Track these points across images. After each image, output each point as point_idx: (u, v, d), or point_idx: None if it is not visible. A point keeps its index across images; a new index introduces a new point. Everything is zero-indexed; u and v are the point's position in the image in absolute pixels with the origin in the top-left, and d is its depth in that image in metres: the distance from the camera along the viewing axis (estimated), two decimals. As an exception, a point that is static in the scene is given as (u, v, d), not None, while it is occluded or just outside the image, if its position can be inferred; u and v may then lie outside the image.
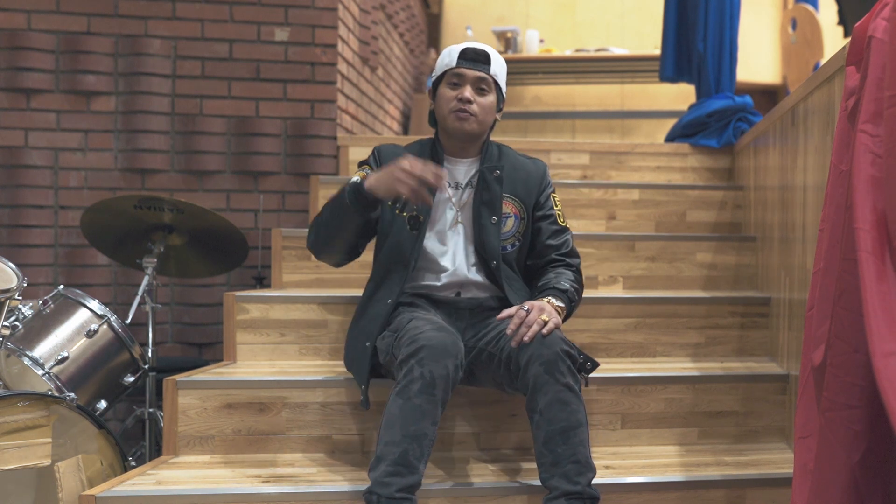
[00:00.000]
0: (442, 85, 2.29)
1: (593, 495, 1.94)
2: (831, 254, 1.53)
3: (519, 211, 2.33)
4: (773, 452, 2.44)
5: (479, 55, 2.25)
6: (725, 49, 3.75)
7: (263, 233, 3.42)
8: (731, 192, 3.48)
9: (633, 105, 6.47)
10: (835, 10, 4.30)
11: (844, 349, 1.41)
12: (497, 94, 2.30)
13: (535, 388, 1.98)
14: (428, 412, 1.93)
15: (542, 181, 2.38)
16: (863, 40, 1.51)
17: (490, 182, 2.30)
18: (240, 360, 2.66)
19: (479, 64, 2.25)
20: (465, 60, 2.25)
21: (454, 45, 2.30)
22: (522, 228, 2.33)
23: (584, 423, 1.99)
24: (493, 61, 2.27)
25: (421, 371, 1.93)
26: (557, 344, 2.00)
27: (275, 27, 3.56)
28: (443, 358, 1.95)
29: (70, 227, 3.45)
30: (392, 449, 1.90)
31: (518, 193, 2.34)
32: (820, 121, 2.26)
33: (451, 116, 2.26)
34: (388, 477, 1.88)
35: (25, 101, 3.44)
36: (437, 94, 2.31)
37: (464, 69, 2.24)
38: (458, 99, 2.25)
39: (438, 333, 2.00)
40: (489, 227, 2.28)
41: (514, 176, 2.35)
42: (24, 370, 2.56)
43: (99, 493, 2.00)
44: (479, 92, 2.26)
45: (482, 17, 6.56)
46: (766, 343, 2.82)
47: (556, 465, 1.94)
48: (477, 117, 2.26)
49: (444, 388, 1.95)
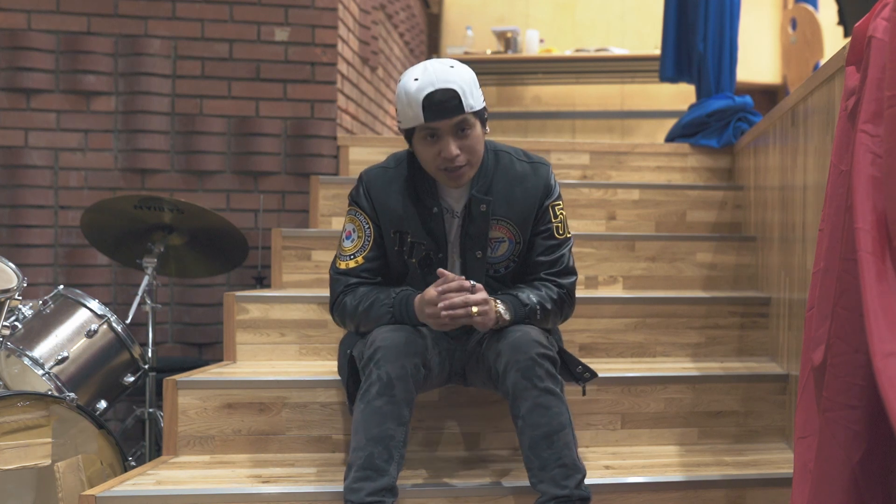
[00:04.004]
0: (417, 139, 2.02)
1: (583, 496, 1.93)
2: (831, 254, 1.53)
3: (513, 235, 2.14)
4: (772, 452, 2.44)
5: (445, 101, 1.92)
6: (725, 49, 3.75)
7: (263, 233, 3.42)
8: (731, 192, 3.48)
9: (633, 105, 6.47)
10: (835, 10, 4.30)
11: (844, 349, 1.41)
12: (479, 118, 2.03)
13: (514, 394, 1.97)
14: (389, 413, 1.91)
15: (542, 195, 2.14)
16: (863, 40, 1.50)
17: (476, 216, 2.09)
18: (240, 360, 2.66)
19: (450, 110, 1.93)
20: (433, 112, 1.93)
21: (411, 89, 1.94)
22: (518, 251, 2.16)
23: (568, 424, 1.97)
24: (463, 93, 1.94)
25: (378, 373, 1.92)
26: (532, 348, 1.96)
27: (275, 27, 3.56)
28: (399, 357, 1.93)
29: (70, 227, 3.45)
30: (359, 454, 1.89)
31: (513, 216, 2.12)
32: (820, 121, 2.26)
33: (442, 174, 2.04)
34: (358, 482, 1.88)
35: (25, 101, 3.44)
36: (415, 149, 2.06)
37: (435, 123, 1.95)
38: (442, 157, 1.99)
39: (394, 334, 1.97)
40: (473, 261, 2.12)
41: (509, 196, 2.12)
42: (24, 370, 2.56)
43: (99, 493, 2.00)
44: (460, 136, 1.98)
45: (482, 17, 6.56)
46: (766, 343, 2.82)
47: (544, 469, 1.94)
48: (470, 164, 2.03)
49: (404, 388, 1.93)
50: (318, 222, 3.32)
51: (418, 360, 1.97)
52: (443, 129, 1.97)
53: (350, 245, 2.15)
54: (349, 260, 2.14)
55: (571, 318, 2.27)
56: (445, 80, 1.94)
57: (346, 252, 2.15)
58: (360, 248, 2.14)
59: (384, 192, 2.13)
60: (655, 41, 4.72)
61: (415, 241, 2.12)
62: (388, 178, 2.14)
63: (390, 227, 2.13)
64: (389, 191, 2.13)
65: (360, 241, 2.14)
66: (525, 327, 2.03)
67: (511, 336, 2.00)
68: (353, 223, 2.15)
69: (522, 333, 1.99)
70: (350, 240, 2.16)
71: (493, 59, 6.28)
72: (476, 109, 1.99)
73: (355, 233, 2.15)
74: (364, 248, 2.13)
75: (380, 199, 2.12)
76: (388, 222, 2.13)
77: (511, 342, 1.98)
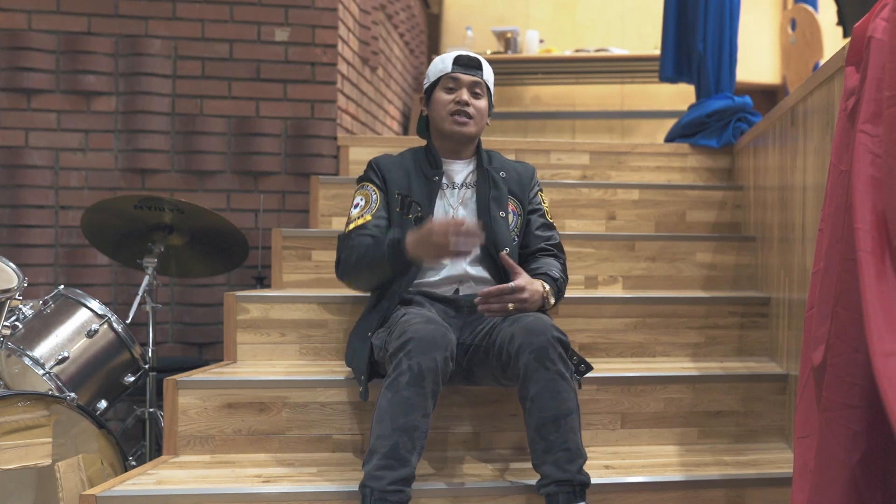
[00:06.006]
0: (437, 90, 2.41)
1: (583, 481, 1.97)
2: (831, 254, 1.53)
3: (516, 208, 2.46)
4: (772, 452, 2.44)
5: (472, 61, 2.38)
6: (725, 49, 3.75)
7: (263, 233, 3.42)
8: (731, 192, 3.48)
9: (633, 105, 6.47)
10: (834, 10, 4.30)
11: (844, 349, 1.41)
12: (488, 99, 2.43)
13: (526, 376, 2.00)
14: (417, 404, 1.93)
15: (531, 181, 2.53)
16: (862, 40, 1.51)
17: (498, 181, 2.45)
18: (240, 360, 2.66)
19: (473, 69, 2.38)
20: (460, 66, 2.38)
21: (446, 53, 2.43)
22: (520, 224, 2.45)
23: (575, 409, 2.01)
24: (485, 68, 2.42)
25: (409, 364, 1.95)
26: (548, 331, 2.02)
27: (275, 27, 3.56)
28: (431, 350, 1.96)
29: (70, 227, 3.45)
30: (383, 442, 1.91)
31: (514, 192, 2.47)
32: (819, 121, 2.26)
33: (450, 120, 2.38)
34: (381, 470, 1.89)
35: (26, 101, 3.44)
36: (433, 98, 2.42)
37: (459, 74, 2.37)
38: (455, 101, 2.37)
39: (427, 326, 2.01)
40: (499, 220, 2.39)
41: (508, 177, 2.49)
42: (24, 370, 2.56)
43: (99, 492, 2.00)
44: (474, 96, 2.39)
45: (482, 17, 6.56)
46: (765, 343, 2.82)
47: (548, 452, 1.97)
48: (474, 119, 2.38)
49: (433, 381, 1.96)
50: (318, 222, 3.32)
51: (448, 353, 2.01)
52: (462, 81, 2.37)
53: (357, 211, 2.39)
54: (357, 220, 2.36)
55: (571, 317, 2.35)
56: (474, 54, 2.41)
57: (354, 217, 2.38)
58: (368, 209, 2.37)
59: (392, 166, 2.44)
60: (655, 41, 4.73)
61: (413, 201, 2.37)
62: (394, 160, 2.47)
63: (395, 188, 2.39)
64: (396, 167, 2.44)
65: (367, 205, 2.38)
66: (537, 314, 2.13)
67: (524, 320, 2.07)
68: (360, 195, 2.41)
69: (536, 318, 2.08)
70: (357, 207, 2.39)
71: (493, 60, 6.20)
72: (490, 88, 2.42)
73: (363, 200, 2.39)
74: (371, 208, 2.37)
75: (388, 170, 2.43)
76: (394, 185, 2.40)
77: (525, 325, 2.04)
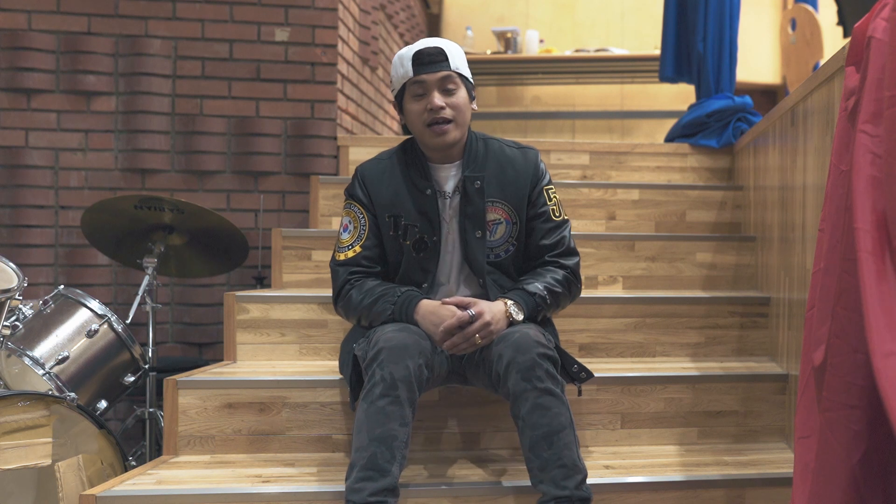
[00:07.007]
0: (406, 99, 2.14)
1: (583, 497, 1.92)
2: (831, 254, 1.53)
3: (510, 215, 2.21)
4: (772, 452, 2.44)
5: (433, 55, 2.09)
6: (725, 49, 3.75)
7: (263, 233, 3.42)
8: (731, 192, 3.48)
9: (633, 105, 6.47)
10: (834, 10, 4.30)
11: (844, 349, 1.41)
12: (466, 86, 2.15)
13: (515, 395, 1.97)
14: (392, 414, 1.91)
15: (533, 176, 2.23)
16: (862, 40, 1.51)
17: (472, 195, 2.16)
18: (240, 359, 2.66)
19: (437, 64, 2.09)
20: (421, 66, 2.09)
21: (403, 51, 2.13)
22: (516, 232, 2.22)
23: (569, 424, 1.96)
24: (450, 54, 2.11)
25: (381, 374, 1.93)
26: (533, 349, 1.96)
27: (275, 27, 3.56)
28: (402, 358, 1.94)
29: (70, 227, 3.45)
30: (361, 454, 1.90)
31: (507, 196, 2.20)
32: (820, 121, 2.26)
33: (427, 132, 2.13)
34: (360, 482, 1.88)
35: (26, 101, 3.44)
36: (405, 109, 2.16)
37: (423, 76, 2.09)
38: (428, 110, 2.10)
39: (398, 334, 1.98)
40: (474, 241, 2.18)
41: (501, 178, 2.20)
42: (24, 370, 2.56)
43: (99, 492, 2.00)
44: (446, 93, 2.11)
45: (482, 17, 6.56)
46: (765, 343, 2.82)
47: (544, 469, 1.93)
48: (455, 122, 2.12)
49: (407, 388, 1.93)
50: (318, 222, 3.33)
51: (422, 360, 1.98)
52: (430, 83, 2.10)
53: (347, 236, 2.23)
54: (347, 250, 2.22)
55: (571, 317, 2.29)
56: (433, 42, 2.13)
57: (344, 244, 2.24)
58: (357, 237, 2.22)
59: (378, 180, 2.22)
60: (655, 41, 4.73)
61: (408, 224, 2.19)
62: (382, 169, 2.24)
63: (385, 211, 2.21)
64: (383, 178, 2.22)
65: (356, 231, 2.22)
66: (524, 328, 2.05)
67: (511, 337, 2.01)
68: (348, 216, 2.24)
69: (522, 335, 2.00)
70: (347, 231, 2.24)
71: (493, 60, 6.28)
72: (462, 73, 2.14)
73: (351, 224, 2.23)
74: (360, 237, 2.21)
75: (374, 186, 2.21)
76: (382, 208, 2.21)
77: (511, 343, 1.99)
